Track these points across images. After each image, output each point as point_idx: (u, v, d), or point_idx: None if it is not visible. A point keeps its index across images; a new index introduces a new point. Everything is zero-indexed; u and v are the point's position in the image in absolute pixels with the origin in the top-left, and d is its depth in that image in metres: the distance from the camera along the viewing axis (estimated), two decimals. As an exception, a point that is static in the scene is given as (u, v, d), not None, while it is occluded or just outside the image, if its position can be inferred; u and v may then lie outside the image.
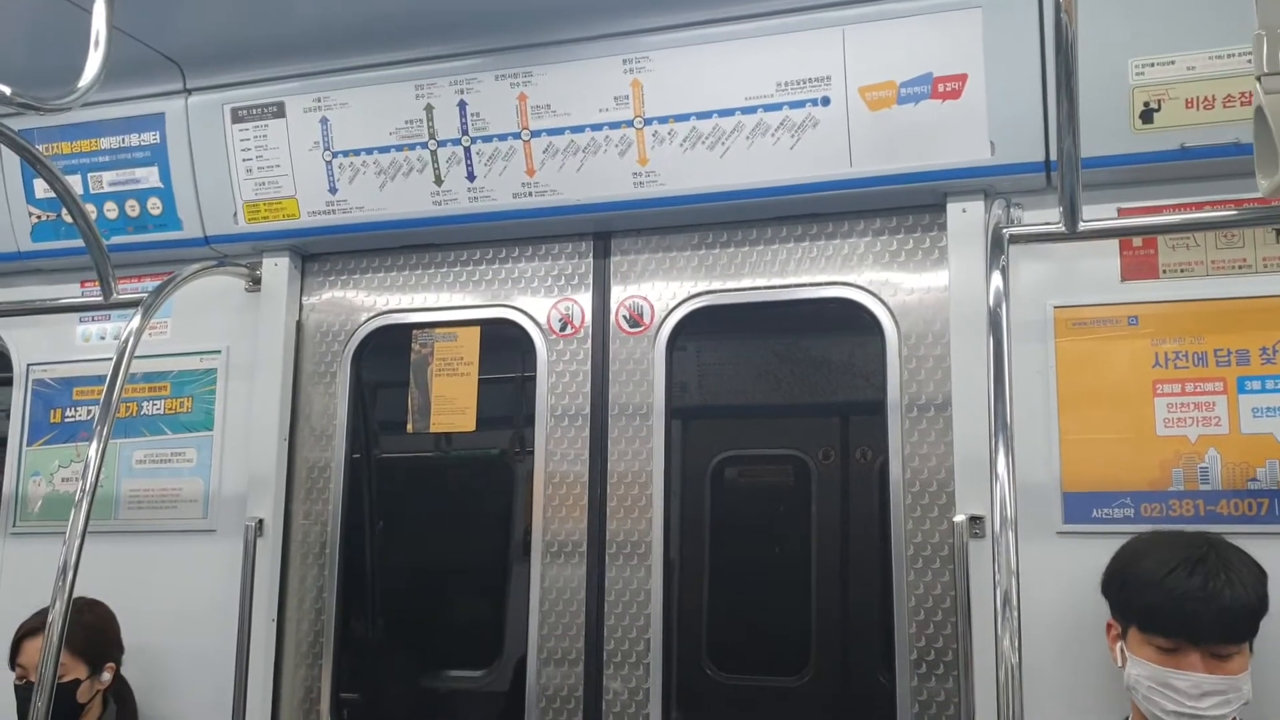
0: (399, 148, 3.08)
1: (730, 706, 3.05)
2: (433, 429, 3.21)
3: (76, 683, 2.87)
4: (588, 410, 3.06)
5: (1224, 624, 2.11)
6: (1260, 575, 2.18)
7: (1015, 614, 2.03)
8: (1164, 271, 2.60)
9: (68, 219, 3.19)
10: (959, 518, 2.59)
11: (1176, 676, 2.12)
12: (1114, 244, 2.63)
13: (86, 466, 2.65)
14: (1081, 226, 2.39)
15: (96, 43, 2.41)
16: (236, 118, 3.23)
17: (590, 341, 3.10)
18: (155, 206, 3.35)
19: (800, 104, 2.76)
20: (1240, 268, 2.55)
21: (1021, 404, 2.50)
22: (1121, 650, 2.25)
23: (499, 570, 3.23)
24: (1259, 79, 1.88)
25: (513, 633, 3.12)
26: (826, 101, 2.74)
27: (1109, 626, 2.33)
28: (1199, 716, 2.10)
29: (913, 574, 2.73)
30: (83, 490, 2.61)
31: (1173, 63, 2.50)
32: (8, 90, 2.24)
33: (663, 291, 3.07)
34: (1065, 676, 2.49)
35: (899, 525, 2.76)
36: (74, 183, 3.28)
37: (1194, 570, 2.13)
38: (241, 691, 3.08)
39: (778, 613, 3.07)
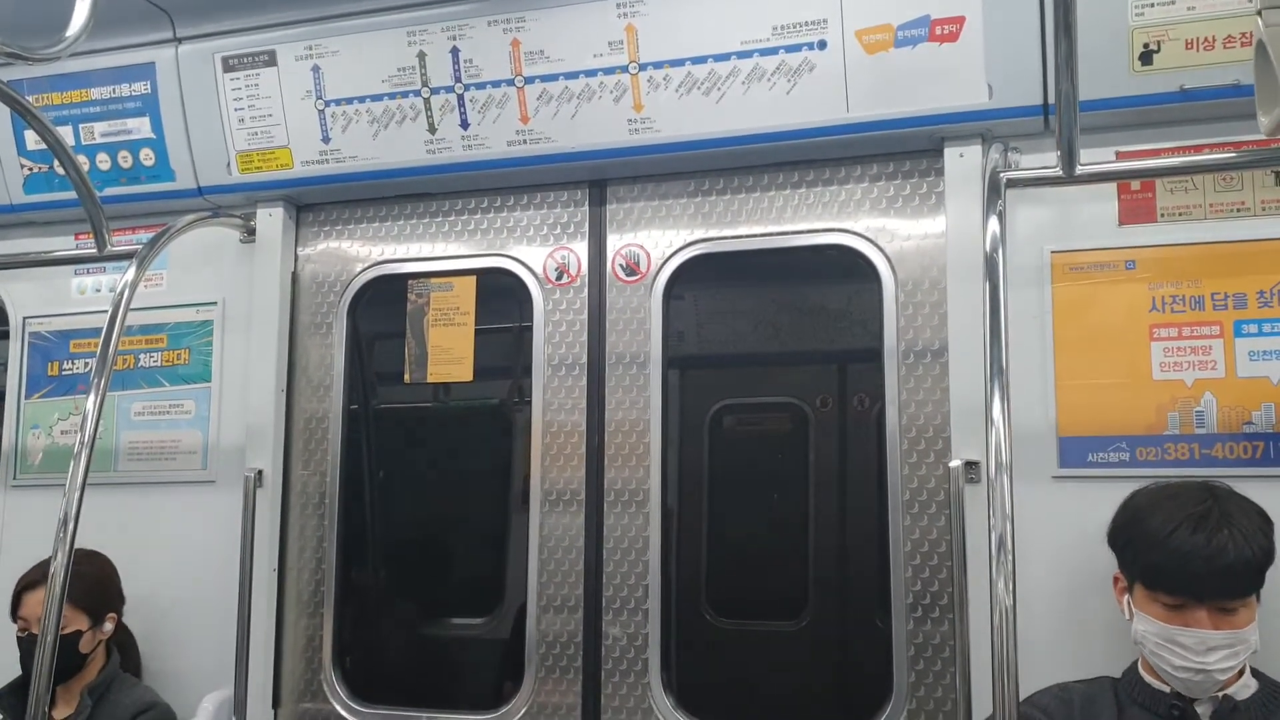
0: (392, 96, 3.05)
1: (729, 651, 3.08)
2: (430, 379, 3.21)
3: (78, 634, 2.90)
4: (585, 359, 3.06)
5: (1228, 581, 2.09)
6: (1265, 525, 2.16)
7: (1010, 558, 2.04)
8: (1162, 215, 2.59)
9: (60, 171, 3.17)
10: (955, 463, 2.60)
11: (1183, 634, 2.11)
12: (1112, 188, 2.61)
13: (85, 419, 2.65)
14: (1079, 170, 2.38)
15: (83, -10, 2.38)
16: (228, 67, 3.19)
17: (587, 290, 3.09)
18: (148, 157, 3.33)
19: (796, 48, 2.73)
20: (1238, 211, 2.54)
21: (1018, 349, 2.50)
22: (1129, 604, 2.25)
23: (498, 519, 3.24)
24: (1260, 13, 1.85)
25: (513, 581, 3.14)
26: (823, 45, 2.71)
27: (1116, 579, 2.32)
28: (1206, 670, 2.10)
29: (909, 519, 2.74)
30: (81, 442, 2.61)
31: (1173, 3, 2.46)
32: (-5, 40, 2.22)
33: (659, 239, 3.05)
34: (1060, 620, 2.51)
35: (895, 471, 2.77)
36: (65, 134, 3.26)
37: (1197, 528, 2.10)
38: (244, 640, 3.11)
39: (776, 558, 3.09)
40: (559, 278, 3.12)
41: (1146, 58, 2.49)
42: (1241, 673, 2.20)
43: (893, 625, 2.73)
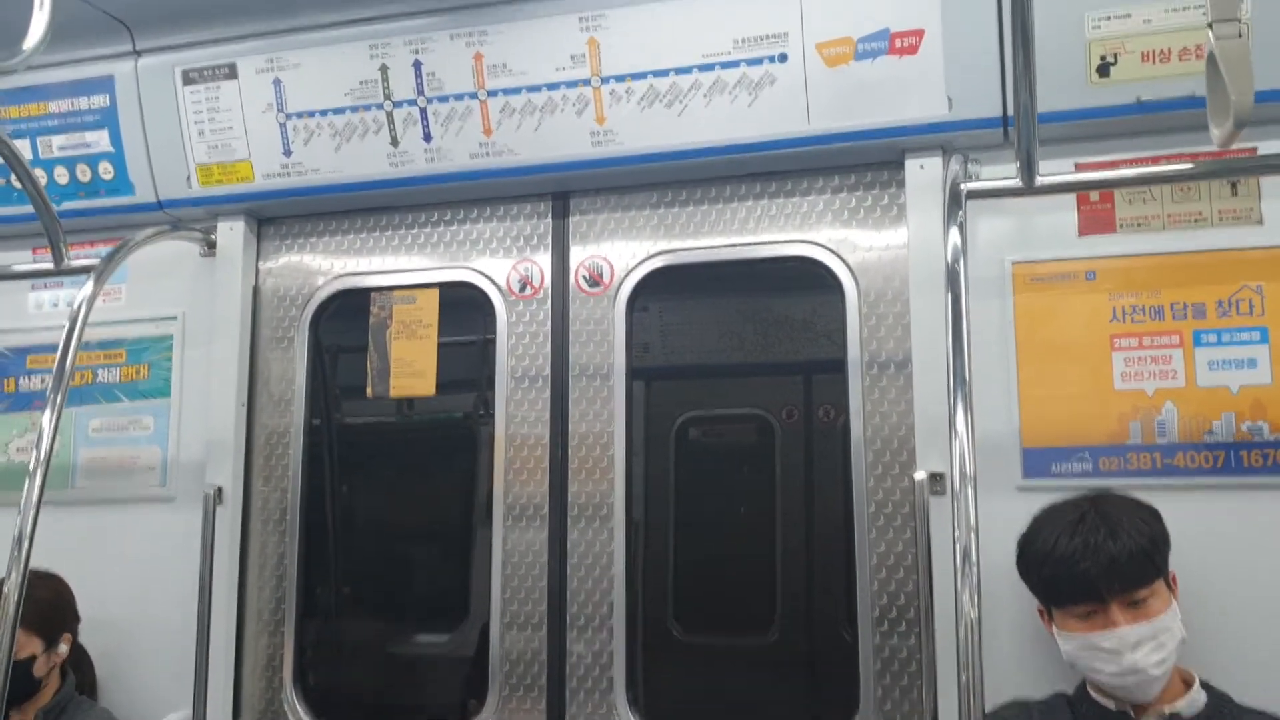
0: (354, 109, 3.04)
1: (695, 666, 3.07)
2: (392, 393, 3.18)
3: (32, 659, 2.83)
4: (548, 372, 3.05)
5: (1118, 573, 2.13)
6: (1148, 515, 2.22)
7: (974, 569, 2.03)
8: (1121, 226, 2.61)
9: (17, 185, 3.12)
10: (919, 475, 2.60)
11: (1101, 638, 2.15)
12: (1071, 199, 2.63)
13: (40, 435, 2.60)
14: (1038, 181, 2.38)
15: (41, 3, 2.35)
16: (188, 79, 3.16)
17: (550, 303, 3.08)
18: (106, 171, 3.29)
19: (757, 61, 2.73)
20: (1196, 221, 2.56)
21: (981, 360, 2.49)
22: (1056, 631, 2.28)
23: (462, 535, 3.22)
24: (1210, 25, 1.88)
25: (476, 597, 3.11)
26: (784, 58, 2.72)
27: (1040, 612, 2.36)
28: (1138, 669, 2.12)
29: (874, 531, 2.73)
30: (37, 459, 2.57)
31: (1129, 16, 2.48)
32: (-51, 53, 2.19)
33: (622, 251, 3.04)
34: (1025, 631, 2.50)
35: (860, 483, 2.76)
36: (22, 147, 3.23)
37: (1074, 533, 2.18)
38: (203, 659, 3.06)
39: (743, 572, 3.08)
40: (522, 290, 3.11)
41: (1104, 70, 2.51)
42: (1189, 685, 2.22)
43: (859, 638, 2.73)
